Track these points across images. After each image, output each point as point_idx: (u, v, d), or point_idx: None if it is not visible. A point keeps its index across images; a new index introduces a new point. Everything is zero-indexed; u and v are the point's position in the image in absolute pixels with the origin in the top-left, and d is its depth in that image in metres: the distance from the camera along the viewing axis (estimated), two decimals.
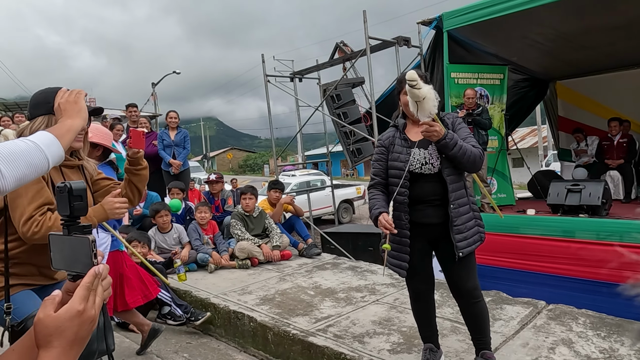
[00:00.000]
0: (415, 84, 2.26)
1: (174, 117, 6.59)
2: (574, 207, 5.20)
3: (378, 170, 2.57)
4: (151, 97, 24.58)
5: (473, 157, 2.40)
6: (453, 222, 2.42)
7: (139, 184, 2.27)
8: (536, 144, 24.99)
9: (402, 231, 2.46)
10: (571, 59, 7.33)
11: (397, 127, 2.60)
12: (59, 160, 1.48)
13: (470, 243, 2.46)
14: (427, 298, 2.68)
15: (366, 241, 7.06)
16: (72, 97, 1.68)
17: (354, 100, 7.79)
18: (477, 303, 2.55)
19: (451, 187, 2.43)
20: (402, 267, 2.49)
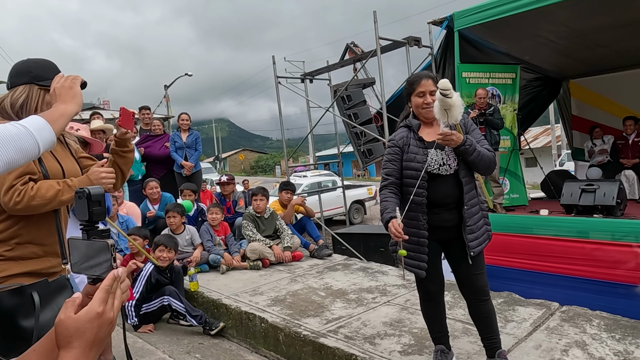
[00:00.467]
0: (449, 93, 2.26)
1: (185, 120, 6.64)
2: (588, 208, 5.13)
3: (392, 170, 2.54)
4: (164, 99, 24.82)
5: (488, 161, 2.45)
6: (466, 222, 2.45)
7: (123, 166, 2.18)
8: (549, 143, 24.71)
9: (420, 232, 2.47)
10: (585, 57, 7.24)
11: (409, 127, 2.59)
12: (50, 145, 1.45)
13: (480, 242, 2.49)
14: (438, 299, 2.68)
15: (377, 242, 7.04)
16: (68, 82, 1.66)
17: (365, 101, 7.78)
18: (487, 301, 2.57)
19: (466, 188, 2.46)
20: (420, 268, 2.49)
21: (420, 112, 2.54)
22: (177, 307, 3.90)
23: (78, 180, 1.89)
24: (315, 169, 18.25)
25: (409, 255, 2.50)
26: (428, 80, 2.49)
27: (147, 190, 5.66)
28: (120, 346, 3.16)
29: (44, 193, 1.76)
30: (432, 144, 2.46)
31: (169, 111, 23.76)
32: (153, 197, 5.67)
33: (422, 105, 2.50)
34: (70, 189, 1.82)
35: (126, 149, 2.15)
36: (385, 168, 2.57)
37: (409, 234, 2.47)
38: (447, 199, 2.47)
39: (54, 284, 1.79)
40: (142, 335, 3.84)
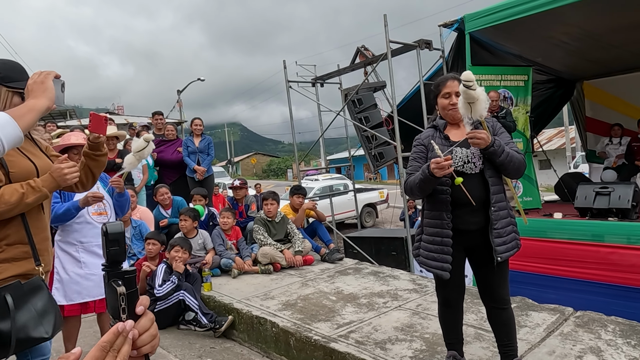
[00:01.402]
0: (472, 85, 2.23)
1: (198, 125, 6.69)
2: (603, 211, 5.06)
3: (416, 167, 2.49)
4: (177, 104, 25.04)
5: (518, 164, 2.39)
6: (493, 225, 2.38)
7: (95, 169, 2.18)
8: (564, 146, 24.41)
9: (444, 231, 2.41)
10: (599, 58, 7.15)
11: (436, 127, 2.58)
12: (16, 141, 1.42)
13: (509, 248, 2.43)
14: (457, 305, 2.63)
15: (389, 246, 7.02)
16: (41, 77, 1.62)
17: (376, 105, 7.77)
18: (507, 309, 2.53)
19: (493, 188, 2.40)
20: (444, 269, 2.42)
21: (447, 114, 2.53)
22: (191, 303, 3.96)
23: (41, 180, 1.85)
24: (327, 172, 18.25)
25: (431, 256, 2.46)
26: (454, 81, 2.48)
27: (158, 197, 5.71)
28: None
29: (8, 199, 1.74)
30: (460, 142, 2.44)
31: (182, 116, 23.97)
32: (164, 202, 5.72)
33: (448, 106, 2.49)
34: (34, 191, 1.80)
35: (99, 152, 2.14)
36: (410, 166, 2.55)
37: (432, 234, 2.46)
38: (472, 199, 2.39)
39: (27, 286, 1.77)
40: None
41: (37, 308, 1.75)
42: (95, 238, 3.11)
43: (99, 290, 2.96)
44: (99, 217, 3.15)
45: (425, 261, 2.51)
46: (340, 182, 14.86)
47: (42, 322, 1.74)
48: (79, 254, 3.07)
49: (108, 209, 3.23)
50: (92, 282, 3.05)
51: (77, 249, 3.08)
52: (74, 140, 3.12)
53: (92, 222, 3.11)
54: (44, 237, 1.97)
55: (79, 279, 3.04)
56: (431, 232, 2.48)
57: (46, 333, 1.74)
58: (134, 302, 0.77)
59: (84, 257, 3.07)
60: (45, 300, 1.79)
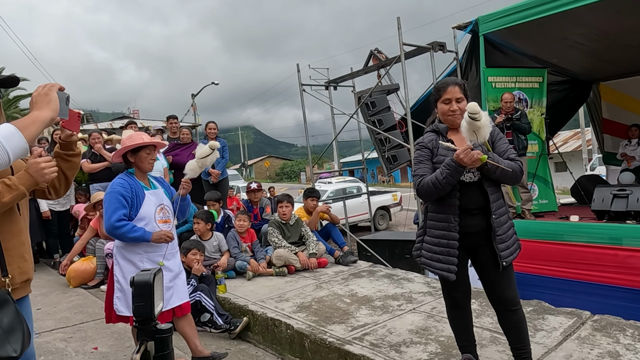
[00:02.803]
0: (477, 117, 2.25)
1: (213, 128, 6.76)
2: (620, 213, 4.99)
3: (425, 168, 2.49)
4: (191, 107, 25.28)
5: (514, 174, 2.41)
6: (496, 232, 2.42)
7: (68, 171, 2.02)
8: (580, 148, 24.09)
9: (451, 234, 2.44)
10: (615, 59, 7.07)
11: (436, 131, 2.59)
12: (21, 152, 1.41)
13: (512, 252, 2.47)
14: (464, 307, 2.65)
15: (403, 248, 7.01)
16: (45, 89, 1.62)
17: (389, 107, 7.77)
18: (517, 311, 2.52)
19: (492, 197, 2.44)
20: (450, 271, 2.44)
21: (447, 119, 2.54)
22: (207, 304, 4.01)
23: (17, 177, 1.74)
24: (340, 175, 18.26)
25: (437, 258, 2.48)
26: (455, 87, 2.48)
27: None
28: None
29: None
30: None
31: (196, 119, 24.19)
32: None
33: (448, 112, 2.50)
34: (10, 189, 1.69)
35: (71, 152, 2.00)
36: (418, 169, 2.54)
37: (438, 236, 2.48)
38: (470, 205, 2.44)
39: None
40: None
41: (3, 324, 1.61)
42: (160, 248, 2.99)
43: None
44: (164, 225, 3.05)
45: (429, 262, 2.52)
46: (354, 184, 14.87)
47: (8, 339, 1.61)
48: (143, 264, 2.90)
49: (171, 216, 3.13)
50: None
51: (141, 258, 2.95)
52: (147, 139, 3.04)
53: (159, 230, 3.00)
54: (19, 242, 1.82)
55: None
56: (436, 235, 2.49)
57: (14, 352, 1.60)
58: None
59: (147, 267, 3.01)
60: (11, 316, 1.65)
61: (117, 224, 2.84)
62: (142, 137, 3.08)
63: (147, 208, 2.97)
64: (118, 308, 2.93)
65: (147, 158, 3.02)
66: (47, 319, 4.43)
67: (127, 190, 2.92)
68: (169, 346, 0.71)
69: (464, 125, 2.32)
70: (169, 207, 3.13)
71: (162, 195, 3.11)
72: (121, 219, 2.86)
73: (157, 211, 3.02)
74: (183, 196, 3.19)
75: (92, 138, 6.67)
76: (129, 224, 2.87)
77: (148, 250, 2.96)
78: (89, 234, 5.84)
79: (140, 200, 2.95)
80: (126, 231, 2.85)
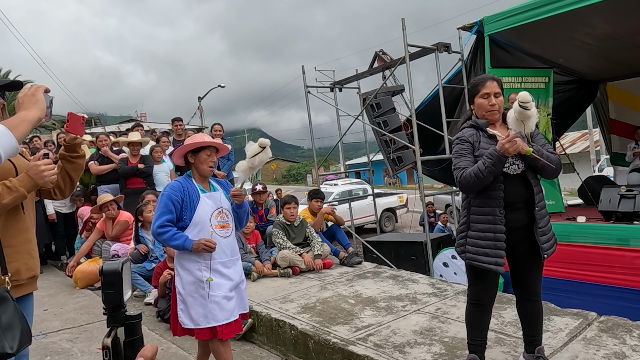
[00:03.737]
0: (528, 106, 2.27)
1: (218, 130, 6.79)
2: (628, 214, 4.95)
3: (467, 161, 2.48)
4: (198, 110, 25.42)
5: (556, 166, 2.46)
6: (538, 224, 2.45)
7: (72, 172, 2.08)
8: (587, 149, 23.91)
9: (497, 226, 2.43)
10: (622, 59, 7.02)
11: (475, 127, 2.58)
12: (12, 151, 1.44)
13: (552, 245, 2.53)
14: (488, 306, 2.62)
15: (408, 250, 6.98)
16: (32, 90, 1.65)
17: (394, 109, 7.75)
18: (537, 301, 2.61)
19: (535, 189, 2.47)
20: (498, 264, 2.43)
21: (485, 115, 2.54)
22: None
23: (18, 179, 1.79)
24: (346, 177, 18.25)
25: (483, 252, 2.46)
26: (493, 82, 2.51)
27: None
28: None
29: None
30: None
31: (203, 122, 24.30)
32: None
33: (487, 107, 2.50)
34: (10, 191, 1.74)
35: (75, 154, 2.05)
36: (459, 162, 2.51)
37: (483, 230, 2.49)
38: (515, 197, 2.45)
39: None
40: (175, 340, 3.93)
41: (1, 322, 1.62)
42: (219, 255, 2.76)
43: (224, 314, 2.70)
44: (222, 230, 2.82)
45: (476, 257, 2.50)
46: (360, 186, 14.86)
47: (5, 336, 1.62)
48: (201, 273, 2.71)
49: (231, 221, 2.90)
50: (217, 304, 2.69)
51: (199, 267, 2.72)
52: (208, 139, 2.85)
53: (215, 236, 2.77)
54: (26, 239, 1.87)
55: (203, 300, 2.68)
56: (481, 228, 2.49)
57: (10, 348, 1.62)
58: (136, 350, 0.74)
59: (206, 276, 2.73)
60: (10, 313, 1.66)
61: (159, 230, 2.69)
62: (204, 137, 2.88)
63: (202, 212, 2.75)
64: (183, 321, 2.73)
65: (206, 160, 2.81)
66: (54, 320, 4.46)
67: (178, 193, 2.73)
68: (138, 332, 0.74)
69: (511, 115, 2.35)
70: (230, 211, 2.90)
71: (221, 198, 2.87)
72: (164, 224, 2.69)
73: (214, 215, 2.79)
74: (238, 203, 2.90)
75: (99, 140, 6.73)
76: (170, 231, 2.69)
77: (206, 257, 2.72)
78: (95, 235, 5.88)
79: (194, 204, 2.75)
80: (167, 238, 2.69)
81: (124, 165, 6.30)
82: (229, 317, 2.73)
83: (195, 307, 2.69)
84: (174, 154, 2.92)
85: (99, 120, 24.02)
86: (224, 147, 2.94)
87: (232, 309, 2.75)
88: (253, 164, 2.90)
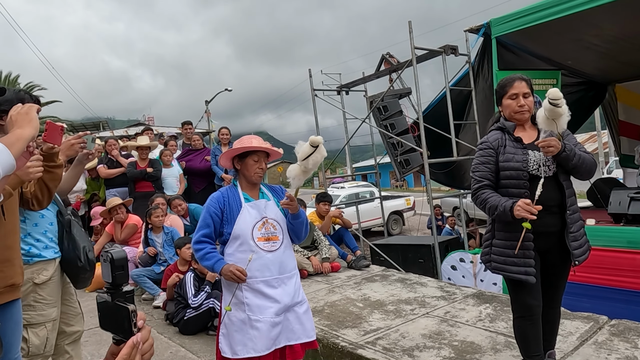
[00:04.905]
0: (558, 103, 2.21)
1: (225, 134, 6.82)
2: (638, 217, 4.90)
3: (485, 173, 2.42)
4: (205, 114, 25.52)
5: (590, 166, 2.35)
6: (569, 228, 2.34)
7: (50, 182, 2.05)
8: (596, 150, 23.72)
9: (526, 234, 2.30)
10: (631, 60, 6.95)
11: (502, 129, 2.51)
12: (9, 168, 1.45)
13: (584, 251, 2.40)
14: (537, 315, 2.44)
15: (416, 253, 6.96)
16: (25, 109, 1.67)
17: (401, 111, 7.74)
18: (556, 308, 2.57)
19: (567, 191, 2.37)
20: (529, 273, 2.32)
21: (513, 116, 2.47)
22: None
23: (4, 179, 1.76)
24: (353, 180, 18.23)
25: (511, 261, 2.35)
26: (522, 82, 2.45)
27: (173, 208, 5.83)
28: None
29: None
30: (530, 145, 2.41)
31: (210, 126, 24.40)
32: (180, 213, 5.83)
33: (516, 108, 2.44)
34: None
35: (53, 163, 2.02)
36: (477, 171, 2.46)
37: (512, 239, 2.35)
38: (548, 201, 2.31)
39: None
40: (184, 344, 3.94)
41: None
42: (261, 272, 2.37)
43: (265, 343, 2.31)
44: (266, 243, 2.42)
45: (503, 267, 2.38)
46: (367, 189, 14.84)
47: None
48: (242, 293, 2.36)
49: (280, 232, 2.49)
50: (258, 330, 2.32)
51: (240, 286, 2.36)
52: (256, 143, 2.53)
53: (259, 251, 2.38)
54: (3, 246, 1.83)
55: (243, 325, 2.34)
56: (506, 237, 2.38)
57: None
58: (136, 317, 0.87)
59: (248, 298, 2.36)
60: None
61: (194, 247, 2.46)
62: (252, 140, 2.55)
63: (242, 224, 2.41)
64: (222, 348, 2.38)
65: (253, 166, 2.49)
66: None
67: (219, 204, 2.45)
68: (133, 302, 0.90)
69: (541, 114, 2.28)
70: (278, 221, 2.50)
71: (267, 207, 2.50)
72: (200, 240, 2.44)
73: (257, 227, 2.42)
74: (292, 213, 2.49)
75: (108, 145, 6.78)
76: (204, 249, 2.42)
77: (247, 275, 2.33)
78: (104, 239, 5.91)
79: (234, 216, 2.44)
80: (199, 257, 2.44)
81: (132, 169, 6.34)
82: (271, 346, 2.34)
83: (234, 334, 2.35)
84: (220, 159, 2.68)
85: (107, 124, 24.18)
86: (275, 152, 2.62)
87: (275, 337, 2.36)
88: (306, 168, 2.45)
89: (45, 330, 2.32)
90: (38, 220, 2.36)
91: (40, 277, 2.32)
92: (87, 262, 2.49)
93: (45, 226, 2.40)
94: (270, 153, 2.60)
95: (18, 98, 2.22)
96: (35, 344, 2.27)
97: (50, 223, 2.44)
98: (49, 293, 2.36)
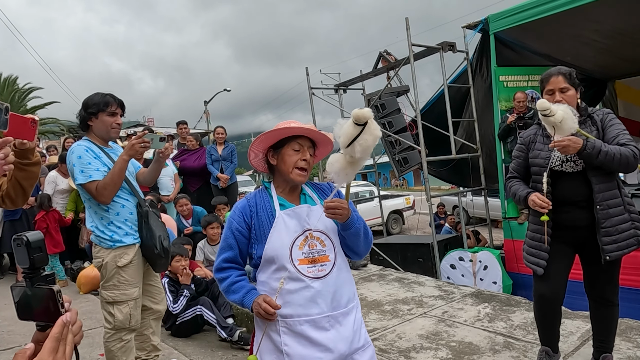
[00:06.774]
0: (548, 112, 2.21)
1: (220, 133, 6.74)
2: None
3: (517, 167, 2.60)
4: (204, 114, 25.48)
5: (624, 159, 2.24)
6: (600, 223, 2.32)
7: (24, 181, 1.88)
8: None
9: (543, 228, 2.38)
10: (631, 56, 6.89)
11: (540, 124, 2.51)
12: None
13: (621, 247, 2.34)
14: (550, 307, 2.49)
15: (415, 252, 6.90)
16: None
17: (399, 109, 7.67)
18: (611, 306, 2.48)
19: (597, 187, 2.33)
20: (539, 265, 2.42)
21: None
22: (209, 318, 3.91)
23: None
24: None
25: (530, 251, 2.49)
26: (558, 77, 2.40)
27: (178, 207, 5.75)
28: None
29: None
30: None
31: (209, 126, 24.35)
32: (184, 213, 5.75)
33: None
34: None
35: (27, 160, 1.82)
36: (512, 163, 2.64)
37: (534, 230, 2.50)
38: (575, 196, 2.36)
39: None
40: (177, 346, 3.87)
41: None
42: (305, 308, 1.65)
43: None
44: (311, 267, 1.69)
45: (525, 256, 2.52)
46: (366, 188, 14.77)
47: None
48: (280, 338, 1.66)
49: (330, 250, 1.74)
50: None
51: (277, 326, 1.67)
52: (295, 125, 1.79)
53: (302, 279, 1.66)
54: None
55: None
56: (533, 229, 2.50)
57: None
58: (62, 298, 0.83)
59: (288, 345, 1.65)
60: None
61: (216, 276, 1.82)
62: (290, 123, 1.81)
63: (276, 241, 1.70)
64: None
65: (293, 157, 1.77)
66: None
67: (244, 217, 1.78)
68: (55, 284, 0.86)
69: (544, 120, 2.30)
70: (328, 234, 1.76)
71: (309, 215, 1.76)
72: (221, 267, 1.79)
73: (299, 245, 1.70)
74: (341, 222, 1.71)
75: None
76: (228, 278, 1.76)
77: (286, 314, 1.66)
78: None
79: (266, 231, 1.73)
80: (224, 291, 1.79)
81: None
82: None
83: None
84: (250, 154, 1.88)
85: None
86: (325, 138, 1.84)
87: None
88: (353, 156, 1.63)
89: (127, 307, 2.61)
90: (120, 210, 2.61)
91: (122, 260, 2.58)
92: (162, 249, 2.69)
93: (126, 215, 2.64)
94: (317, 141, 1.83)
95: (104, 102, 2.55)
96: (119, 319, 2.60)
97: (130, 212, 2.66)
98: (131, 275, 2.62)
